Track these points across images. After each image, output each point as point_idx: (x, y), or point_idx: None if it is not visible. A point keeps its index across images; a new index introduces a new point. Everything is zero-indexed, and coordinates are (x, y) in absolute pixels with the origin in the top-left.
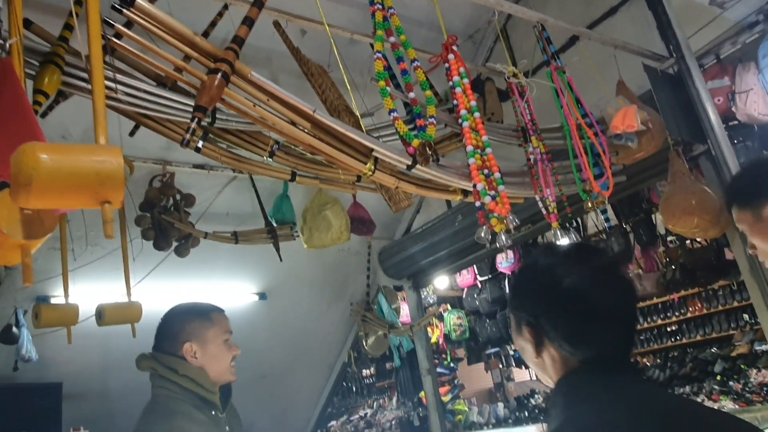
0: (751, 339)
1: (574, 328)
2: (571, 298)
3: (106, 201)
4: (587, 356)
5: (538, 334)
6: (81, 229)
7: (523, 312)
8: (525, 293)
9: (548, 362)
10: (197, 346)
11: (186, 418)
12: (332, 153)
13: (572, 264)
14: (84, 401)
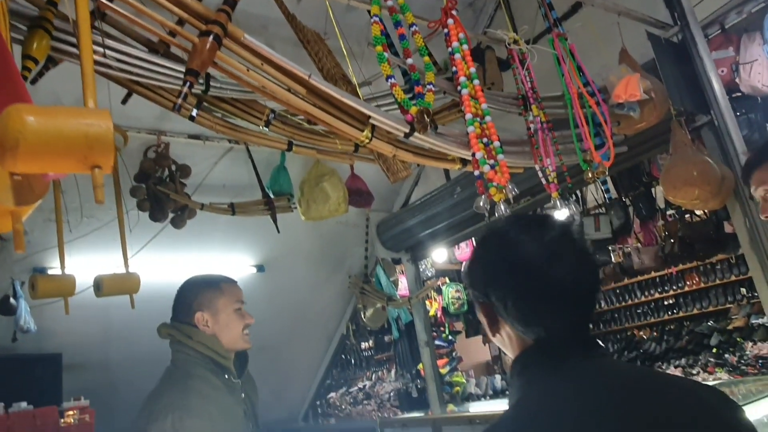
0: (747, 312)
1: (525, 308)
2: (521, 274)
3: (95, 166)
4: (540, 336)
5: (491, 313)
6: (76, 201)
7: (476, 290)
8: (477, 269)
9: (506, 340)
10: (208, 315)
11: (202, 380)
12: (328, 120)
13: (524, 240)
14: (84, 372)
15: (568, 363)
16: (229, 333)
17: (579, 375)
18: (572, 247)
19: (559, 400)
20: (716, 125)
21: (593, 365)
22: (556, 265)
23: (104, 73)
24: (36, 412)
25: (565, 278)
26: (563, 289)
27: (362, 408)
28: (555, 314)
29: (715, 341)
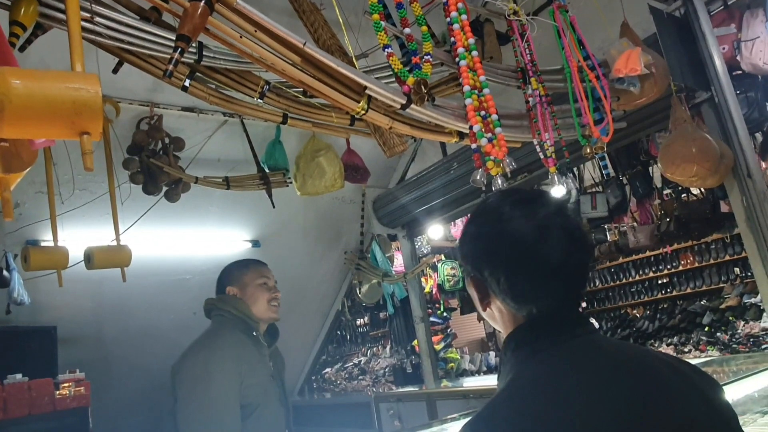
0: (740, 292)
1: (517, 285)
2: (513, 251)
3: (84, 132)
4: (531, 313)
5: (483, 288)
6: (68, 173)
7: (468, 264)
8: (469, 243)
9: (497, 315)
10: (237, 288)
11: (233, 335)
12: (323, 90)
13: (518, 214)
14: (79, 345)
15: (561, 340)
16: (256, 304)
17: (572, 352)
18: (565, 224)
19: (554, 377)
20: (716, 102)
21: (585, 342)
22: (548, 243)
23: (93, 41)
24: (31, 383)
25: (557, 256)
26: (554, 267)
27: (357, 383)
28: (546, 291)
29: (708, 320)
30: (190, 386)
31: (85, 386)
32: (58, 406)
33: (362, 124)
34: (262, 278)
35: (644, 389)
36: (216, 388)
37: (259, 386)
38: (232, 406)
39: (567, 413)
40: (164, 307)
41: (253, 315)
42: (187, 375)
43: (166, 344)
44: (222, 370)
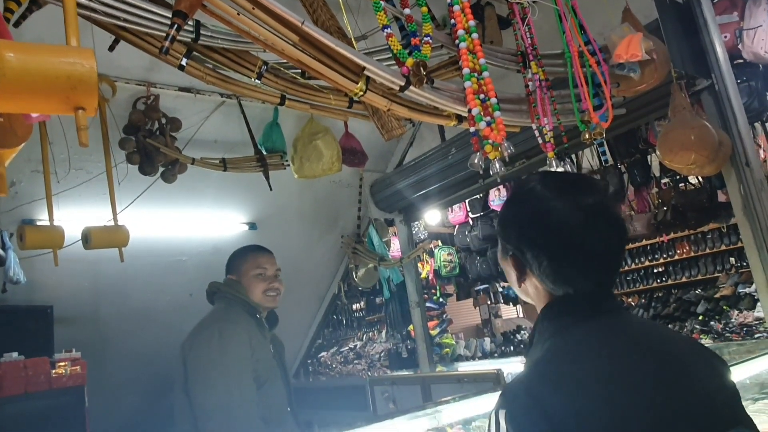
0: (735, 282)
1: (558, 268)
2: (558, 237)
3: (79, 107)
4: (568, 292)
5: (522, 266)
6: (64, 152)
7: (509, 243)
8: (512, 224)
9: (531, 291)
10: (235, 276)
11: (239, 313)
12: (322, 70)
13: (565, 200)
14: (75, 325)
15: (597, 314)
16: (252, 292)
17: (607, 325)
18: (610, 212)
19: (594, 343)
20: (716, 90)
21: (618, 318)
22: (596, 231)
23: (89, 17)
24: (27, 362)
25: (602, 244)
26: (596, 254)
27: (352, 367)
28: (586, 276)
29: (702, 309)
30: (206, 358)
31: (81, 365)
32: (54, 385)
33: (360, 106)
34: (258, 269)
35: (670, 363)
36: (232, 357)
37: (267, 361)
38: (247, 373)
39: (612, 375)
40: (160, 288)
41: (253, 300)
42: (203, 348)
43: (163, 325)
44: (236, 341)
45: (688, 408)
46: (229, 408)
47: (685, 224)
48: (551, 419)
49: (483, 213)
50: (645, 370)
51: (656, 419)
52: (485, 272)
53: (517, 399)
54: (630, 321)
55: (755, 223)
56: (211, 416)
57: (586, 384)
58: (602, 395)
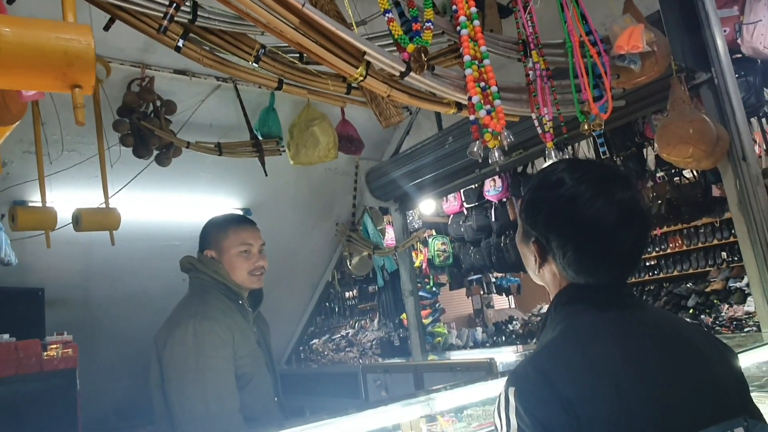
0: (726, 276)
1: (584, 260)
2: (590, 231)
3: (75, 85)
4: (584, 282)
5: (544, 253)
6: (57, 133)
7: (535, 230)
8: (540, 212)
9: (548, 277)
10: (215, 253)
11: (216, 299)
12: (321, 54)
13: (600, 194)
14: (66, 308)
15: (614, 301)
16: (234, 272)
17: (622, 311)
18: (639, 209)
19: (607, 328)
20: (716, 84)
21: (634, 304)
22: (626, 228)
23: None
24: (18, 344)
25: (629, 239)
26: (624, 249)
27: (344, 355)
28: (610, 269)
29: (693, 302)
30: (181, 362)
31: (72, 348)
32: (45, 367)
33: (359, 93)
34: (242, 245)
35: (681, 351)
36: (210, 361)
37: (252, 355)
38: (228, 378)
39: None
40: (153, 273)
41: (234, 281)
42: (177, 349)
43: (154, 310)
44: (213, 342)
45: (696, 395)
46: (206, 419)
47: (679, 218)
48: (561, 397)
49: (478, 203)
50: (655, 357)
51: (664, 404)
52: (479, 262)
53: (528, 377)
54: (644, 309)
55: (750, 218)
56: (187, 428)
57: (597, 366)
58: (612, 378)
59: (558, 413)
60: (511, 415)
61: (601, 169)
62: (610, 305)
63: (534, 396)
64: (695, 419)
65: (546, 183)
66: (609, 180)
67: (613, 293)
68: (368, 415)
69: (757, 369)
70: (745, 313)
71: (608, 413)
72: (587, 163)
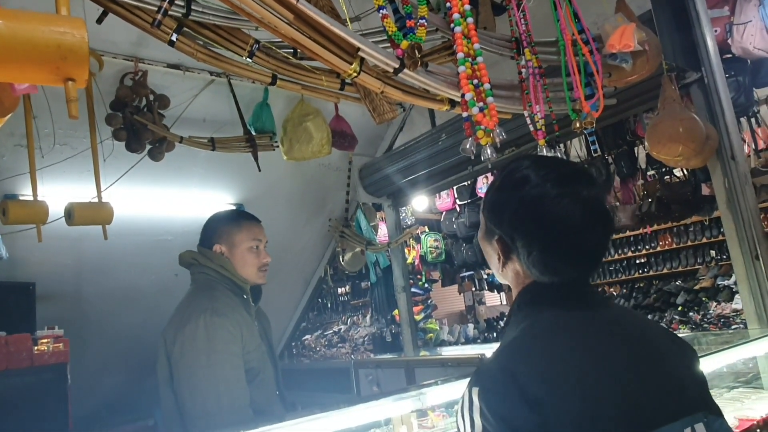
0: (715, 274)
1: (549, 259)
2: (554, 231)
3: (69, 78)
4: (548, 281)
5: (508, 251)
6: (48, 126)
7: (499, 229)
8: (505, 211)
9: (511, 275)
10: (225, 248)
11: (224, 295)
12: (316, 49)
13: (564, 193)
14: (57, 302)
15: (577, 299)
16: (243, 268)
17: (585, 310)
18: (602, 207)
19: (570, 325)
20: (706, 83)
21: (597, 302)
22: (590, 228)
23: None
24: (9, 338)
25: (595, 240)
26: (589, 248)
27: (336, 351)
28: (575, 267)
29: (681, 300)
30: (192, 358)
31: (63, 343)
32: (36, 362)
33: (353, 89)
34: (254, 241)
35: (644, 349)
36: (221, 358)
37: (258, 350)
38: (239, 374)
39: (587, 354)
40: (145, 268)
41: (241, 276)
42: (188, 346)
43: (146, 305)
44: (224, 338)
45: (659, 392)
46: (218, 414)
47: (669, 216)
48: (525, 395)
49: (470, 200)
50: (619, 354)
51: (628, 401)
52: (471, 259)
53: (492, 376)
54: (607, 307)
55: (738, 216)
56: (199, 424)
57: (560, 364)
58: (576, 375)
59: (523, 411)
60: (475, 416)
61: (565, 167)
62: (574, 303)
63: (498, 395)
64: (658, 416)
65: (510, 181)
66: (574, 178)
67: (576, 291)
68: (360, 410)
69: (744, 365)
70: (732, 311)
71: (574, 411)
72: (552, 160)
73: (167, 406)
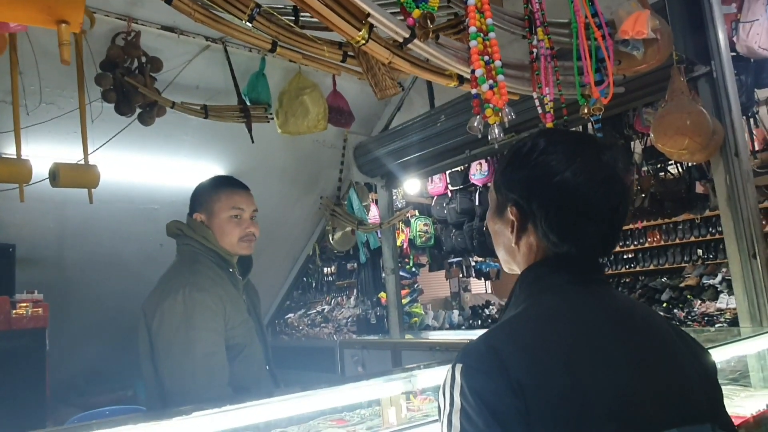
0: (701, 273)
1: (567, 221)
2: (571, 190)
3: (62, 20)
4: (566, 251)
5: (524, 219)
6: (35, 84)
7: (514, 193)
8: (519, 175)
9: (523, 250)
10: (204, 216)
11: (207, 268)
12: (323, 11)
13: (576, 155)
14: (38, 266)
15: (581, 280)
16: (223, 237)
17: (590, 292)
18: (618, 175)
19: (572, 310)
20: (714, 77)
21: (605, 290)
22: (606, 190)
23: None
24: None
25: (611, 202)
26: (606, 213)
27: (319, 330)
28: (593, 234)
29: (666, 296)
30: (170, 333)
31: (43, 308)
32: (14, 326)
33: (354, 62)
34: (233, 210)
35: (650, 344)
36: (199, 335)
37: (244, 325)
38: (218, 352)
39: (583, 344)
40: (129, 236)
41: (224, 248)
42: (167, 320)
43: (129, 274)
44: (204, 314)
45: (661, 394)
46: (194, 391)
47: (662, 212)
48: (510, 378)
49: (462, 186)
50: (621, 349)
51: (624, 400)
52: (460, 245)
53: (478, 354)
54: (614, 296)
55: (737, 214)
56: (176, 399)
57: (553, 350)
58: (568, 365)
59: (505, 395)
60: (455, 393)
61: (575, 134)
62: (579, 289)
63: (481, 374)
64: (656, 419)
65: (522, 150)
66: (586, 143)
67: (584, 271)
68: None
69: (732, 363)
70: (716, 310)
71: (559, 401)
72: (564, 131)
73: (149, 378)
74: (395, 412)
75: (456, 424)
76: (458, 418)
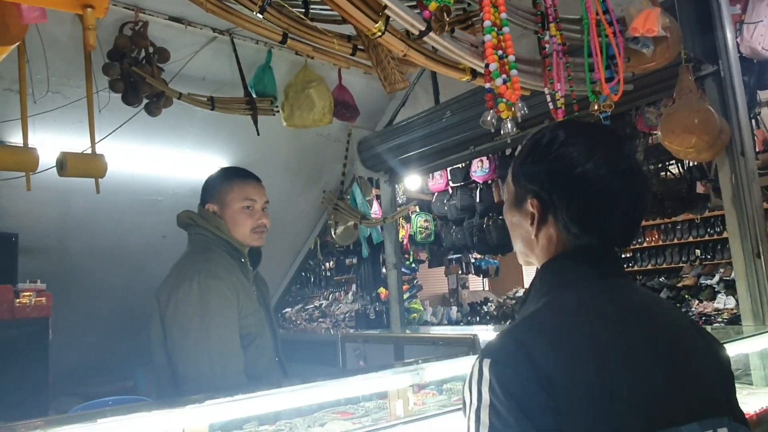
0: (698, 273)
1: (589, 212)
2: (592, 183)
3: (88, 5)
4: (587, 242)
5: (545, 210)
6: (42, 72)
7: (534, 185)
8: (540, 167)
9: (543, 242)
10: (217, 207)
11: (221, 257)
12: (341, 3)
13: (596, 146)
14: (41, 256)
15: (602, 274)
16: (236, 228)
17: (612, 287)
18: (637, 166)
19: (595, 303)
20: (722, 76)
21: (625, 282)
22: (625, 181)
23: None
24: None
25: (632, 193)
26: (626, 204)
27: (317, 325)
28: (614, 225)
29: (664, 296)
30: (185, 320)
31: (46, 297)
32: (17, 314)
33: (364, 55)
34: (246, 200)
35: (671, 337)
36: (215, 321)
37: (255, 315)
38: (233, 338)
39: (607, 337)
40: (132, 227)
41: (236, 238)
42: (181, 308)
43: (132, 265)
44: (219, 301)
45: (682, 388)
46: (210, 378)
47: (662, 212)
48: (540, 374)
49: (463, 183)
50: (642, 343)
51: (648, 394)
52: (460, 242)
53: (506, 349)
54: (635, 289)
55: (742, 213)
56: (191, 387)
57: (582, 345)
58: (598, 360)
59: (536, 391)
60: (483, 389)
61: (594, 125)
62: (601, 282)
63: (511, 370)
64: (678, 413)
65: (541, 141)
66: (606, 134)
67: (604, 264)
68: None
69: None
70: (714, 310)
71: (587, 395)
72: (580, 122)
73: (160, 366)
74: (402, 405)
75: (485, 419)
76: (487, 414)
